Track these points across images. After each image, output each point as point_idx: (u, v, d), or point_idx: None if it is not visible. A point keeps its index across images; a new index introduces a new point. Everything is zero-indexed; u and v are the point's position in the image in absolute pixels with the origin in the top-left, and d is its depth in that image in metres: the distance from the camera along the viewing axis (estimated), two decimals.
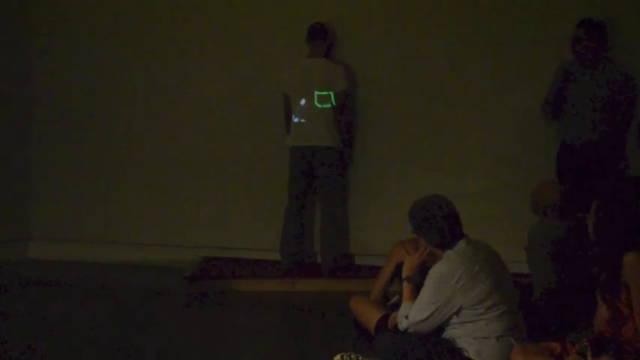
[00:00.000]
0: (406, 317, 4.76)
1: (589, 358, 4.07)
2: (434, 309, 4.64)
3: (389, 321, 5.11)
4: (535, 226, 5.79)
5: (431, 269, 4.72)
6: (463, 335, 4.65)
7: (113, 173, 8.00)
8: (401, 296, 5.02)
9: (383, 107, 7.50)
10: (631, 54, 6.86)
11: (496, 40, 7.24)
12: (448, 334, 4.70)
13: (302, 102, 7.24)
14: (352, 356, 4.78)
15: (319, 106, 7.21)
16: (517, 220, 6.67)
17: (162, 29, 7.87)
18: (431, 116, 7.43)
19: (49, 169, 8.08)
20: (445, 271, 4.64)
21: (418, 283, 4.86)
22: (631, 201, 4.14)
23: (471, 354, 4.61)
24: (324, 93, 7.21)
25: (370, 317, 5.37)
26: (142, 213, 7.94)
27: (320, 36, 7.30)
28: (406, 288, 4.92)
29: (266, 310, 6.65)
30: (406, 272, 4.95)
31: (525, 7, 7.21)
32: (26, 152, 8.06)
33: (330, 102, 7.23)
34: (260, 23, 7.67)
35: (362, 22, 7.54)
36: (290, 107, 7.31)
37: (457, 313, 4.64)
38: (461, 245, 4.74)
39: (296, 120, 7.28)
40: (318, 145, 7.23)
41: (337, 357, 4.78)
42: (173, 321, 6.31)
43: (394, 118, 7.48)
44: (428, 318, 4.66)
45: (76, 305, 6.62)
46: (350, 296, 5.75)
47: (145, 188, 7.96)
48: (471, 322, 4.63)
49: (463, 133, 7.36)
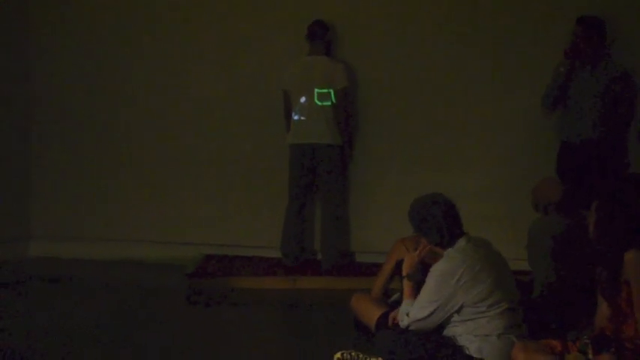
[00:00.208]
0: (407, 315, 4.76)
1: (590, 356, 4.07)
2: (435, 307, 4.65)
3: (389, 318, 5.12)
4: (535, 224, 5.79)
5: (432, 267, 4.73)
6: (464, 333, 4.66)
7: (113, 172, 8.00)
8: (401, 294, 5.03)
9: (383, 106, 7.50)
10: (631, 53, 6.87)
11: (496, 40, 7.24)
12: (449, 332, 4.71)
13: (302, 99, 7.24)
14: (353, 354, 4.78)
15: (319, 104, 7.22)
16: (517, 219, 6.67)
17: (162, 29, 7.87)
18: (431, 115, 7.43)
19: (50, 168, 8.08)
20: (446, 269, 4.65)
21: (419, 281, 4.87)
22: (631, 199, 4.14)
23: (472, 351, 4.62)
24: (325, 90, 7.21)
25: (371, 315, 5.38)
26: (143, 211, 7.95)
27: (320, 34, 7.30)
28: (406, 286, 4.93)
29: (267, 308, 6.66)
30: (406, 270, 4.96)
31: (525, 7, 7.21)
32: (27, 151, 8.06)
33: (331, 99, 7.23)
34: (260, 23, 7.67)
35: (362, 22, 7.54)
36: (290, 105, 7.32)
37: (458, 311, 4.64)
38: (461, 243, 4.74)
39: (296, 118, 7.28)
40: (318, 143, 7.24)
41: (338, 354, 4.78)
42: (174, 318, 6.31)
43: (394, 117, 7.48)
44: (429, 316, 4.67)
45: (78, 303, 6.62)
46: (351, 294, 5.77)
47: (146, 186, 7.96)
48: (472, 320, 4.64)
49: (463, 132, 7.36)
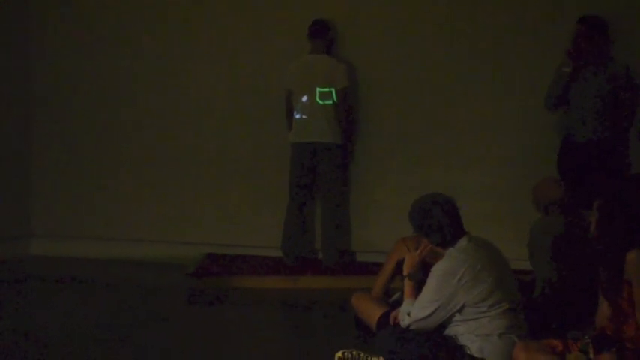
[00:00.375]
0: (408, 314, 4.76)
1: (591, 355, 4.07)
2: (436, 306, 4.64)
3: (391, 318, 5.11)
4: (537, 223, 5.78)
5: (433, 267, 4.72)
6: (465, 332, 4.66)
7: (114, 171, 8.01)
8: (402, 293, 5.02)
9: (384, 105, 7.50)
10: (631, 53, 6.85)
11: (496, 40, 7.23)
12: (450, 331, 4.71)
13: (304, 98, 7.24)
14: (354, 352, 4.77)
15: (321, 103, 7.22)
16: (518, 218, 6.67)
17: (162, 29, 7.87)
18: (432, 114, 7.43)
19: (51, 167, 8.09)
20: (448, 269, 4.64)
21: (420, 280, 4.86)
22: (633, 199, 4.14)
23: (474, 351, 4.62)
24: (326, 89, 7.21)
25: (372, 314, 5.37)
26: (143, 210, 7.95)
27: (322, 33, 7.30)
28: (407, 285, 4.92)
29: (268, 307, 6.66)
30: (407, 269, 4.95)
31: (525, 7, 7.20)
32: (27, 151, 8.07)
33: (332, 98, 7.23)
34: (260, 23, 7.66)
35: (362, 22, 7.53)
36: (291, 104, 7.32)
37: (460, 311, 4.64)
38: (462, 243, 4.73)
39: (297, 116, 7.28)
40: (319, 142, 7.23)
41: (339, 353, 4.78)
42: (176, 318, 6.31)
43: (395, 116, 7.48)
44: (430, 315, 4.67)
45: (78, 302, 6.63)
46: (351, 293, 5.76)
47: (146, 186, 7.96)
48: (474, 320, 4.63)
49: (465, 131, 7.35)
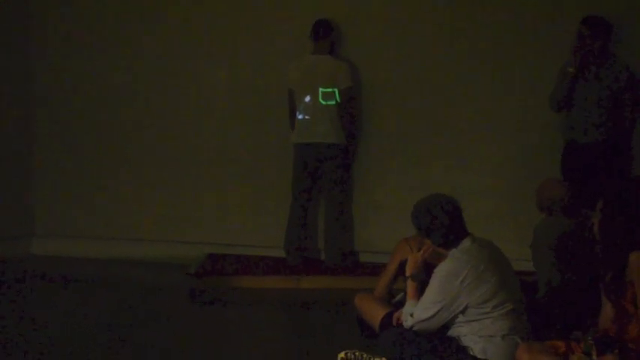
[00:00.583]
0: (411, 315, 4.75)
1: (594, 357, 4.07)
2: (439, 308, 4.64)
3: (393, 319, 5.10)
4: (540, 224, 5.77)
5: (436, 268, 4.72)
6: (469, 333, 4.65)
7: (115, 170, 8.01)
8: (405, 294, 5.02)
9: (386, 105, 7.49)
10: (631, 52, 6.84)
11: (497, 40, 7.22)
12: (453, 333, 4.70)
13: (307, 99, 7.23)
14: (357, 353, 4.77)
15: (324, 103, 7.21)
16: (519, 218, 6.68)
17: (162, 29, 7.87)
18: (434, 114, 7.42)
19: (52, 167, 8.09)
20: (451, 270, 4.64)
21: (423, 281, 4.86)
22: (636, 200, 4.13)
23: (477, 352, 4.61)
24: (329, 90, 7.20)
25: (374, 314, 5.35)
26: (145, 210, 7.95)
27: (325, 33, 7.29)
28: (410, 286, 4.92)
29: (269, 307, 6.66)
30: (410, 270, 4.95)
31: (526, 7, 7.19)
32: (28, 150, 8.07)
33: (335, 99, 7.22)
34: (260, 23, 7.66)
35: (362, 22, 7.53)
36: (294, 104, 7.31)
37: (463, 312, 4.63)
38: (466, 244, 4.73)
39: (300, 117, 7.27)
40: (322, 142, 7.23)
41: (342, 354, 4.78)
42: (177, 318, 6.31)
43: (398, 117, 7.47)
44: (433, 316, 4.66)
45: (79, 301, 6.63)
46: (354, 293, 5.74)
47: (147, 185, 7.96)
48: (477, 321, 4.63)
49: (465, 131, 7.35)
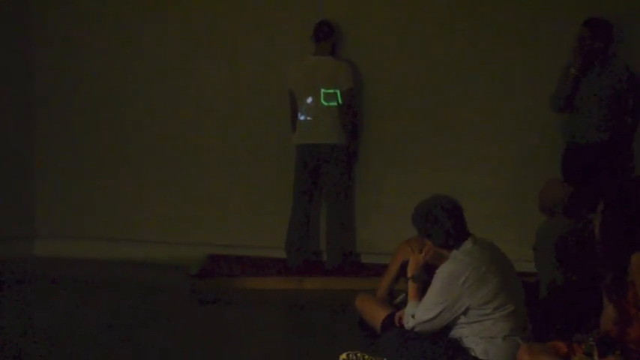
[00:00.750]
0: (413, 316, 4.74)
1: (595, 358, 4.06)
2: (441, 309, 4.63)
3: (395, 320, 5.10)
4: (543, 225, 5.77)
5: (438, 269, 4.71)
6: (470, 335, 4.64)
7: (116, 171, 8.00)
8: (407, 295, 5.01)
9: (388, 106, 7.49)
10: (631, 52, 6.83)
11: (497, 40, 7.23)
12: (455, 334, 4.69)
13: (308, 100, 7.23)
14: (358, 354, 4.77)
15: (325, 104, 7.21)
16: (521, 219, 6.67)
17: (162, 29, 7.87)
18: (436, 115, 7.42)
19: (53, 168, 8.09)
20: (452, 271, 4.63)
21: (424, 282, 4.85)
22: (637, 201, 4.13)
23: (478, 353, 4.60)
24: (331, 91, 7.20)
25: (376, 316, 5.36)
26: (145, 211, 7.95)
27: (327, 34, 7.29)
28: (412, 287, 4.91)
29: (271, 308, 6.66)
30: (411, 271, 4.94)
31: (526, 7, 7.19)
32: (29, 151, 8.07)
33: (336, 100, 7.22)
34: (260, 23, 7.66)
35: (362, 22, 7.53)
36: (296, 105, 7.31)
37: (464, 313, 4.62)
38: (467, 245, 4.72)
39: (302, 118, 7.27)
40: (324, 143, 7.22)
41: (343, 355, 4.78)
42: (177, 318, 6.31)
43: (399, 117, 7.47)
44: (435, 318, 4.65)
45: (80, 302, 6.63)
46: (356, 294, 5.75)
47: (148, 186, 7.96)
48: (478, 322, 4.62)
49: (465, 131, 7.35)
